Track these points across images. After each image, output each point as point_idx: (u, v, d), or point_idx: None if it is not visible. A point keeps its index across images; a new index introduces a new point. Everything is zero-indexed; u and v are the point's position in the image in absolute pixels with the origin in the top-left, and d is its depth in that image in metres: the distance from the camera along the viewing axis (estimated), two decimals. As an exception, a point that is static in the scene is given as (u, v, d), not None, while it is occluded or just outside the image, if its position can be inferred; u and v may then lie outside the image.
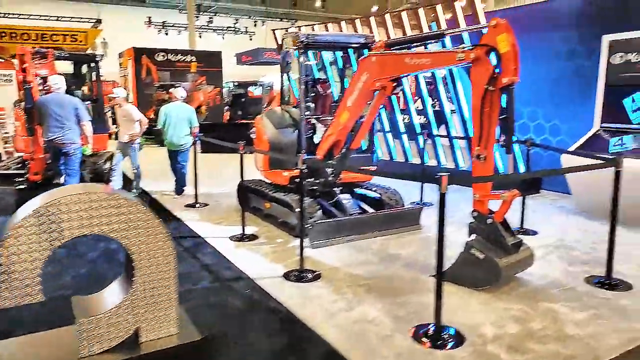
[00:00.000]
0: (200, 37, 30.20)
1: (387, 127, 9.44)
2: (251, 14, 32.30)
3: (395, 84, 4.67)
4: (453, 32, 4.15)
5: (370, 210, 5.73)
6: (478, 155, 3.96)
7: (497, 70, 3.81)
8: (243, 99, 14.06)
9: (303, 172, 4.10)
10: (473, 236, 4.09)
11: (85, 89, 9.71)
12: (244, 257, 4.71)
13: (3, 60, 13.54)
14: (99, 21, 26.77)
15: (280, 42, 6.70)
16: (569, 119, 7.33)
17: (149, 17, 29.34)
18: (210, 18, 31.06)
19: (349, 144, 5.20)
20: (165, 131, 7.69)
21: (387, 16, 8.81)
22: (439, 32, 4.29)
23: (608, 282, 4.05)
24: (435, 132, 8.32)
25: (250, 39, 30.52)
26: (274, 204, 5.67)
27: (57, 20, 26.26)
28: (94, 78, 9.20)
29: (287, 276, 4.18)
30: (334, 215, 5.39)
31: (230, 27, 32.13)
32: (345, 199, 5.62)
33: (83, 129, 6.37)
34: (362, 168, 5.71)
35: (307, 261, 4.51)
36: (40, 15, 25.07)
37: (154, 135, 12.93)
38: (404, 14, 8.57)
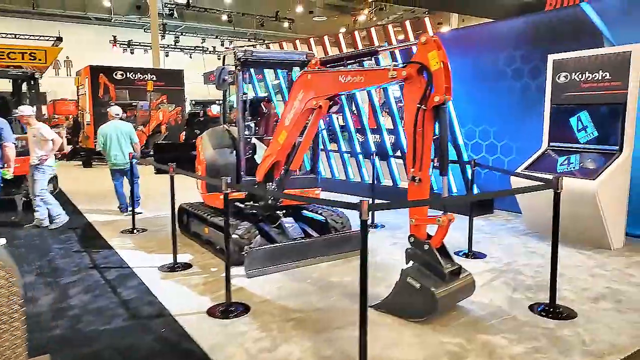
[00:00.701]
0: (167, 56, 29.89)
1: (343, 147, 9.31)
2: (218, 33, 32.17)
3: (331, 102, 4.47)
4: (385, 49, 3.99)
5: (315, 234, 5.47)
6: (413, 177, 3.76)
7: (431, 89, 3.64)
8: (202, 118, 13.73)
9: (227, 195, 3.81)
10: (410, 263, 3.86)
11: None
12: (171, 289, 4.35)
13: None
14: (59, 39, 26.14)
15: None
16: (520, 137, 7.28)
17: (115, 36, 28.87)
18: (176, 37, 30.78)
19: (288, 165, 4.94)
20: (107, 152, 7.38)
21: (341, 35, 8.73)
22: (372, 49, 4.14)
23: (551, 309, 3.86)
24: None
25: (219, 58, 30.31)
26: (212, 229, 5.34)
27: (14, 38, 25.52)
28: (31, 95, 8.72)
29: (212, 312, 3.84)
30: (275, 241, 5.10)
31: (198, 46, 31.90)
32: (289, 222, 5.34)
33: (4, 150, 5.93)
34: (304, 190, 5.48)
35: (239, 293, 4.19)
36: (-1, 33, 24.36)
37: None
38: (357, 33, 8.49)
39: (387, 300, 3.85)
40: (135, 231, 6.34)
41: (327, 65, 4.53)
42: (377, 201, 6.70)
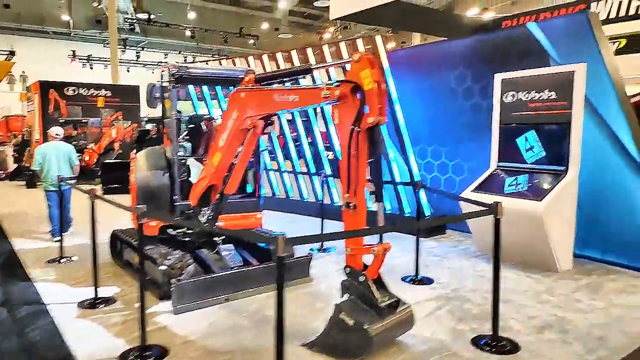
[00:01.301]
0: (128, 71, 29.15)
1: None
2: (181, 49, 31.70)
3: (267, 122, 4.20)
4: (321, 67, 3.77)
5: (255, 262, 5.14)
6: (347, 204, 3.50)
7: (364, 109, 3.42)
8: (154, 135, 13.25)
9: (141, 226, 3.45)
10: (346, 296, 3.59)
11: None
12: (84, 330, 3.90)
13: None
14: (12, 53, 25.15)
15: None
16: (471, 157, 7.19)
17: (74, 51, 27.99)
18: (138, 52, 30.15)
19: (223, 189, 4.62)
20: (45, 173, 6.89)
21: (310, 50, 8.49)
22: (306, 66, 3.91)
23: (494, 342, 3.64)
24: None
25: (180, 74, 29.75)
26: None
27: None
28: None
29: (124, 356, 3.45)
30: (212, 270, 4.74)
31: (160, 62, 31.28)
32: (227, 250, 4.99)
33: None
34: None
35: (160, 333, 3.80)
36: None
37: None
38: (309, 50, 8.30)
39: (320, 337, 3.55)
40: (62, 260, 5.84)
41: (262, 83, 4.27)
42: (328, 222, 6.45)
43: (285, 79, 4.20)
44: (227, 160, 4.53)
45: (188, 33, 30.15)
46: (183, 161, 5.12)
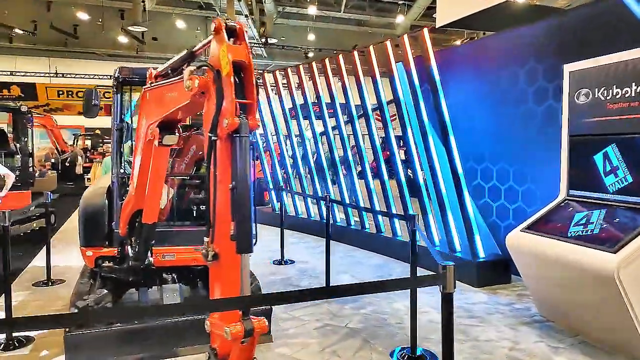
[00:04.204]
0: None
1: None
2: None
3: (168, 132, 3.21)
4: (202, 48, 2.71)
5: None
6: (207, 254, 2.37)
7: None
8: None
9: None
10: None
11: None
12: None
13: None
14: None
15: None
16: (544, 180, 5.30)
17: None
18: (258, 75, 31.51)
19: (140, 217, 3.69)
20: None
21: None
22: (190, 49, 2.85)
23: None
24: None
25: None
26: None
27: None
28: None
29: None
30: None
31: (284, 83, 32.30)
32: (171, 290, 4.10)
33: None
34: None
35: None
36: None
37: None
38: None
39: None
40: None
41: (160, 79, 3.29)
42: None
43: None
44: (144, 178, 3.62)
45: (311, 54, 30.62)
46: (124, 179, 4.30)
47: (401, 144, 7.11)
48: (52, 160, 15.84)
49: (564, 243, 3.85)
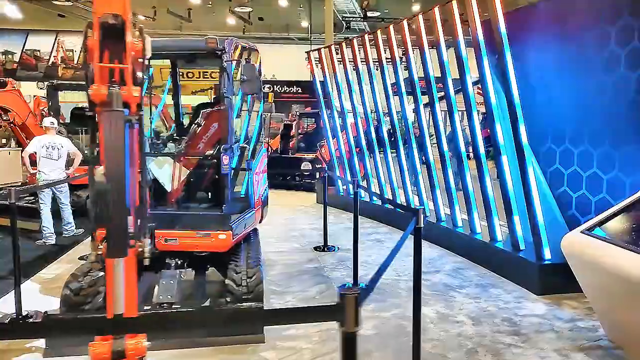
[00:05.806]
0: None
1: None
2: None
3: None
4: None
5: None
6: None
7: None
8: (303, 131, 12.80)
9: None
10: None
11: None
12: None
13: None
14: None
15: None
16: (636, 167, 4.13)
17: (308, 52, 30.15)
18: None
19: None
20: None
21: None
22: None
23: None
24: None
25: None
26: None
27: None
28: None
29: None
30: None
31: (388, 58, 31.15)
32: (168, 277, 3.92)
33: None
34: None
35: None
36: None
37: None
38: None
39: None
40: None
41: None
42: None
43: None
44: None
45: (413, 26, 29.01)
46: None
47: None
48: None
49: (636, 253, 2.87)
